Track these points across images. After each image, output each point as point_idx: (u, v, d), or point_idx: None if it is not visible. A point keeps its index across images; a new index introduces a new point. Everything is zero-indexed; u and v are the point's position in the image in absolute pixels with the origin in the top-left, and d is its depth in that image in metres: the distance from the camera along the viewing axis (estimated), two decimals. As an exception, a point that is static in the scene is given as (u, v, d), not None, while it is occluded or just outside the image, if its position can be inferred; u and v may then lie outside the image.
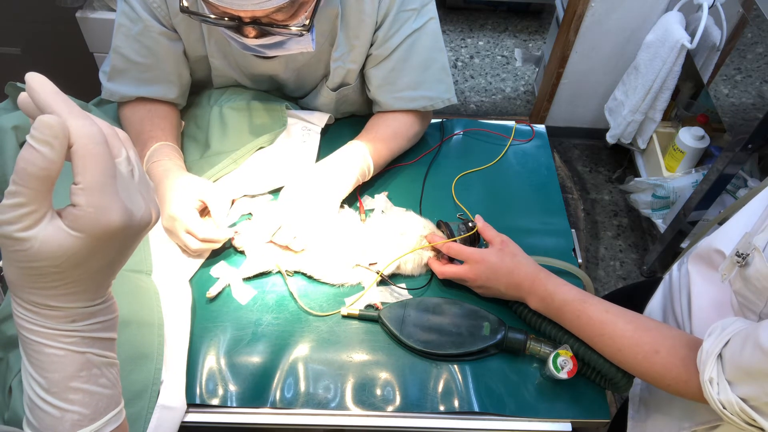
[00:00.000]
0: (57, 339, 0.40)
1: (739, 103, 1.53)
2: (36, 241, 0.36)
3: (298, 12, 0.83)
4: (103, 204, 0.37)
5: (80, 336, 0.41)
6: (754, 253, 0.68)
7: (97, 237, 0.38)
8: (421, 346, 0.85)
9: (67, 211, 0.37)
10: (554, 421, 0.82)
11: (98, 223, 0.37)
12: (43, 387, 0.41)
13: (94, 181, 0.37)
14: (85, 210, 0.37)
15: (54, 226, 0.37)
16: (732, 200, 1.87)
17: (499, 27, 3.18)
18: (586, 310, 0.78)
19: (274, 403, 0.81)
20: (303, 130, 1.12)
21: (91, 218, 0.37)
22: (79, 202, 0.37)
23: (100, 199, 0.37)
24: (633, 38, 2.13)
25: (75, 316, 0.41)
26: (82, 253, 0.38)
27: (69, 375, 0.41)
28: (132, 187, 0.41)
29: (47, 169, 0.35)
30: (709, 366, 0.64)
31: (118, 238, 0.39)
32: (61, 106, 0.37)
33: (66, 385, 0.41)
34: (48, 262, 0.37)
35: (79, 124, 0.36)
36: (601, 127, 2.35)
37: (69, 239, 0.37)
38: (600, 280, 2.09)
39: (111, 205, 0.38)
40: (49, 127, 0.35)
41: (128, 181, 0.40)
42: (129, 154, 0.41)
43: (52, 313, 0.40)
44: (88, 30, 1.89)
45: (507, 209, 1.08)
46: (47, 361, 0.40)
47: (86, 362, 0.42)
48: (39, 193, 0.36)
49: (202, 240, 0.89)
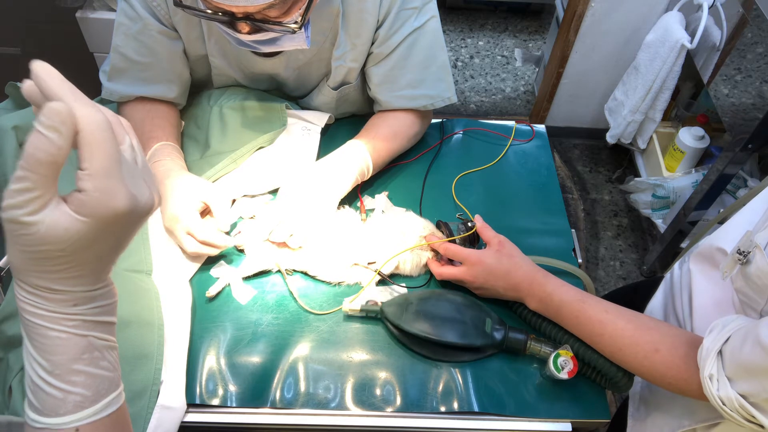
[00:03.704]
0: (60, 322, 0.41)
1: (739, 103, 1.52)
2: (42, 225, 0.37)
3: (291, 9, 0.83)
4: (110, 189, 0.38)
5: (82, 319, 0.42)
6: (756, 250, 0.68)
7: (102, 221, 0.39)
8: (423, 334, 0.83)
9: (73, 196, 0.38)
10: (554, 421, 0.82)
11: (104, 208, 0.38)
12: (47, 369, 0.42)
13: (100, 167, 0.38)
14: (92, 195, 0.38)
15: (60, 210, 0.37)
16: (732, 200, 1.87)
17: (499, 27, 3.18)
18: (585, 310, 0.78)
19: (274, 403, 0.81)
20: (303, 130, 1.12)
21: (97, 203, 0.38)
22: (85, 187, 0.38)
23: (106, 184, 0.38)
24: (633, 38, 2.13)
25: (77, 300, 0.42)
26: (88, 237, 0.39)
27: (72, 357, 0.42)
28: (136, 173, 0.41)
29: (55, 155, 0.36)
30: (709, 363, 0.64)
31: (123, 223, 0.40)
32: (68, 93, 0.37)
33: (69, 368, 0.42)
34: (53, 246, 0.38)
35: (85, 112, 0.37)
36: (601, 127, 2.35)
37: (75, 224, 0.38)
38: (600, 280, 2.09)
39: (117, 190, 0.39)
40: (57, 114, 0.35)
41: (132, 167, 0.41)
42: (132, 142, 0.42)
43: (55, 296, 0.40)
44: (88, 30, 1.89)
45: (507, 209, 1.08)
46: (50, 344, 0.41)
47: (88, 345, 0.43)
48: (46, 178, 0.36)
49: (200, 241, 0.89)
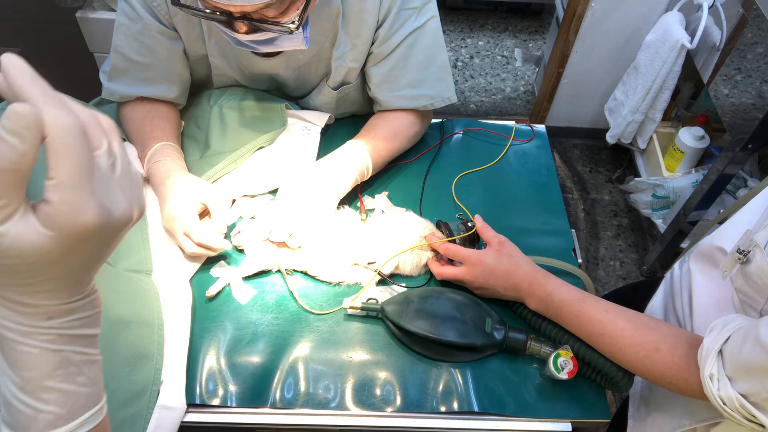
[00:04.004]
0: (32, 336, 0.38)
1: (739, 103, 1.52)
2: (6, 237, 0.34)
3: (289, 9, 0.83)
4: (77, 202, 0.35)
5: (58, 333, 0.39)
6: (756, 249, 0.68)
7: (70, 236, 0.35)
8: (423, 333, 0.83)
9: (41, 207, 0.35)
10: (554, 421, 0.82)
11: (71, 222, 0.35)
12: (18, 385, 0.39)
13: (67, 178, 0.34)
14: (58, 208, 0.34)
15: (26, 222, 0.34)
16: (732, 200, 1.87)
17: (499, 27, 3.18)
18: (585, 310, 0.78)
19: (274, 403, 0.81)
20: (303, 130, 1.12)
21: (63, 217, 0.35)
22: (51, 199, 0.34)
23: (73, 196, 0.35)
24: (633, 38, 2.13)
25: (51, 314, 0.39)
26: (56, 252, 0.36)
27: (43, 374, 0.39)
28: (112, 183, 0.38)
29: (18, 163, 0.32)
30: (709, 362, 0.64)
31: (95, 237, 0.37)
32: (36, 93, 0.34)
33: (40, 384, 0.39)
34: (19, 260, 0.35)
35: (53, 114, 0.33)
36: (601, 127, 2.35)
37: (41, 238, 0.35)
38: (600, 280, 2.09)
39: (85, 204, 0.35)
40: (21, 118, 0.32)
41: (108, 175, 0.37)
42: (112, 146, 0.39)
43: (25, 309, 0.37)
44: (88, 30, 1.89)
45: (507, 209, 1.08)
46: (21, 359, 0.38)
47: (63, 360, 0.40)
48: (9, 186, 0.33)
49: (197, 243, 0.89)
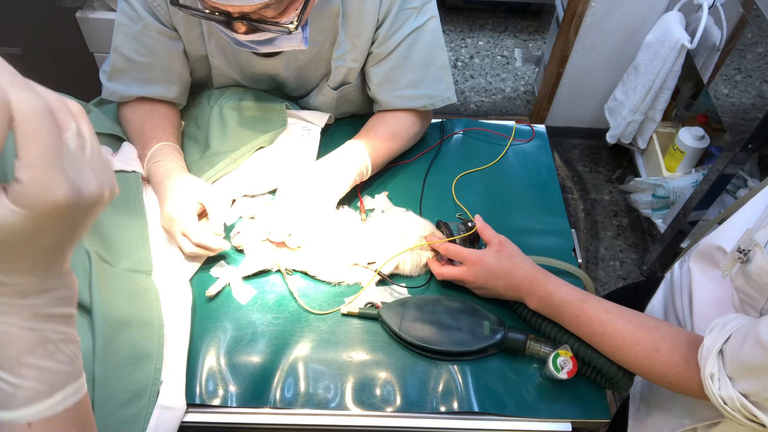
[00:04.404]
0: (8, 315, 0.39)
1: (739, 103, 1.52)
2: None
3: (288, 9, 0.83)
4: (47, 179, 0.36)
5: (34, 312, 0.40)
6: (756, 249, 0.68)
7: (41, 214, 0.36)
8: (420, 343, 0.84)
9: (11, 186, 0.36)
10: (554, 421, 0.82)
11: (42, 200, 0.36)
12: None
13: (36, 157, 0.35)
14: (28, 186, 0.35)
15: None
16: (732, 200, 1.87)
17: (499, 27, 3.18)
18: (585, 310, 0.78)
19: (274, 403, 0.81)
20: (303, 130, 1.12)
21: (34, 194, 0.35)
22: (21, 178, 0.35)
23: (43, 174, 0.35)
24: (633, 38, 2.13)
25: (26, 292, 0.40)
26: (26, 229, 0.36)
27: (22, 350, 0.40)
28: (82, 163, 0.39)
29: None
30: (710, 362, 0.64)
31: (66, 215, 0.38)
32: (3, 77, 0.34)
33: (19, 361, 0.40)
34: None
35: (20, 98, 0.34)
36: (601, 127, 2.35)
37: (11, 215, 0.35)
38: (600, 280, 2.09)
39: (55, 181, 0.36)
40: None
41: (77, 156, 0.38)
42: (81, 128, 0.39)
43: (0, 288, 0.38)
44: (88, 30, 1.89)
45: (507, 209, 1.08)
46: None
47: (41, 338, 0.41)
48: None
49: (195, 244, 0.89)
